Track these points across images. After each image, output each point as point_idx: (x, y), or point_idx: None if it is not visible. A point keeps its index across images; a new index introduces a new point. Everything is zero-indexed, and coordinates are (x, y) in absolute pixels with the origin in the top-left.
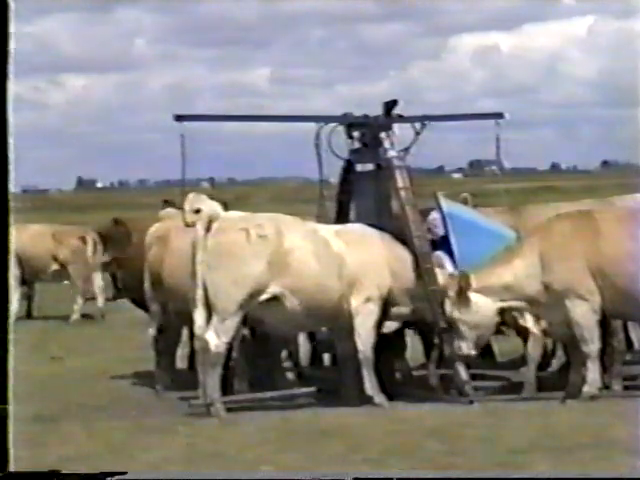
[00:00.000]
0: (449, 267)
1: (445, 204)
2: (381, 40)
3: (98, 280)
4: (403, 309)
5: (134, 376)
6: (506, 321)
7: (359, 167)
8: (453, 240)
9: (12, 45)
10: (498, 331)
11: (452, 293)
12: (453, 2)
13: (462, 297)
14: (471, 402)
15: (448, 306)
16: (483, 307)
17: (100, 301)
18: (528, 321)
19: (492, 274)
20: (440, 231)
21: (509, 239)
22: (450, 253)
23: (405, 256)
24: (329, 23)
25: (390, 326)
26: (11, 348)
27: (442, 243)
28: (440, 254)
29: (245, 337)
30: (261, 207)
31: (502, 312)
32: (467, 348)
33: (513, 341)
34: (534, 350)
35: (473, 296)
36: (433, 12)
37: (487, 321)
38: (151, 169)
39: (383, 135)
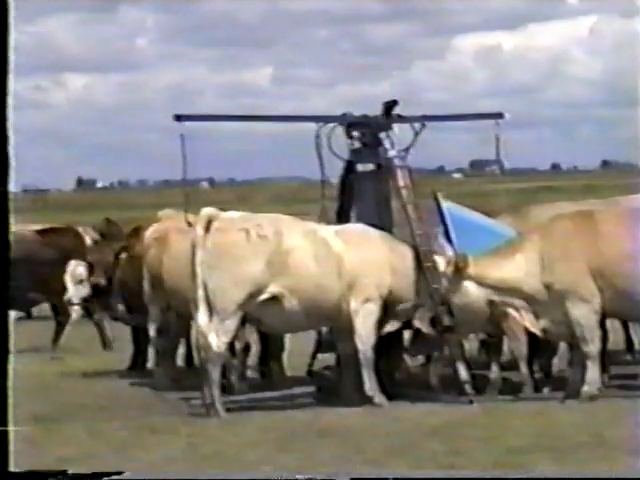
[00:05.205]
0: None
1: (445, 203)
2: (384, 40)
3: None
4: (405, 308)
5: (134, 376)
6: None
7: (359, 167)
8: (454, 239)
9: (13, 44)
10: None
11: (449, 272)
12: (456, 2)
13: (456, 277)
14: (471, 402)
15: (444, 282)
16: (473, 292)
17: None
18: (526, 320)
19: (491, 264)
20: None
21: (509, 238)
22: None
23: (406, 255)
24: (332, 23)
25: (392, 325)
26: (11, 348)
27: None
28: (443, 243)
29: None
30: (261, 207)
31: (492, 305)
32: (449, 321)
33: None
34: (517, 348)
35: (467, 282)
36: (436, 12)
37: (475, 307)
38: (151, 169)
39: (383, 135)
